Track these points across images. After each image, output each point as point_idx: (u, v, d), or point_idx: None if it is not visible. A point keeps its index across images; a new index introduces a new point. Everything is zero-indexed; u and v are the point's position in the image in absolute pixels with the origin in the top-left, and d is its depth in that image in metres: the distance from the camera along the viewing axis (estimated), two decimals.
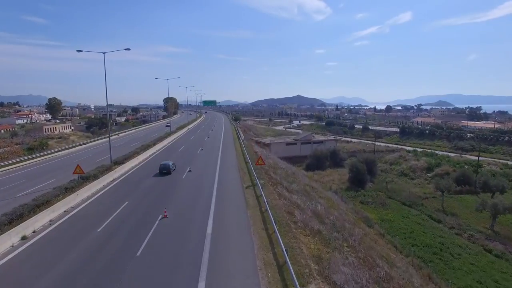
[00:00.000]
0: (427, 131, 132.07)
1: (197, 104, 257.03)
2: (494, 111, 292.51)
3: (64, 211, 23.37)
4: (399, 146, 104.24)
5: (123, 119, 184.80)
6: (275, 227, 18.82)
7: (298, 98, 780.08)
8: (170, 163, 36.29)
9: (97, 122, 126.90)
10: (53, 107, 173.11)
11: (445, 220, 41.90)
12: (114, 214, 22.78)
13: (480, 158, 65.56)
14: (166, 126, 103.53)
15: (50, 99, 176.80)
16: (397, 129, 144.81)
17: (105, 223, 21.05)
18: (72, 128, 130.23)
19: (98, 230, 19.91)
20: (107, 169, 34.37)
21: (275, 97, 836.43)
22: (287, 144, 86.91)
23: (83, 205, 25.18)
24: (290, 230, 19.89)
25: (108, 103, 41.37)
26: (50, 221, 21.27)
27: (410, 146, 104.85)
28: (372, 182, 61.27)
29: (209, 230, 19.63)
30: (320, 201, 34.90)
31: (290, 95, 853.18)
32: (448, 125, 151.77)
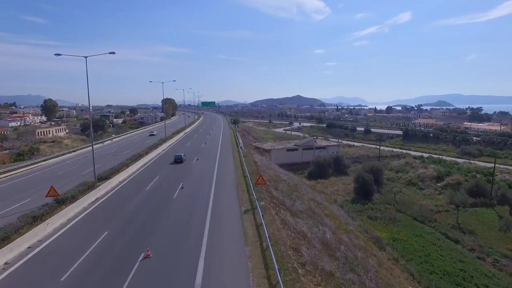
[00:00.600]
0: (431, 134, 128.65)
1: (196, 105, 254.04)
2: (495, 112, 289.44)
3: (28, 247, 19.70)
4: (404, 151, 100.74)
5: (120, 120, 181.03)
6: (279, 277, 15.22)
7: (298, 98, 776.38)
8: (182, 155, 46.36)
9: (93, 124, 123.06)
10: (48, 108, 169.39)
11: (463, 239, 38.23)
12: (88, 252, 19.12)
13: (492, 166, 61.95)
14: (150, 135, 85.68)
15: (45, 101, 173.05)
16: (400, 132, 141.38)
17: (74, 266, 17.38)
18: (67, 130, 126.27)
19: (62, 279, 16.21)
20: (89, 187, 30.65)
21: (275, 97, 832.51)
22: (288, 150, 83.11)
23: (54, 237, 21.50)
24: (297, 278, 16.25)
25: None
26: (5, 264, 17.57)
27: (415, 151, 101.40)
28: (379, 193, 57.60)
29: (199, 279, 15.97)
30: (327, 222, 31.42)
31: (290, 95, 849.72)
32: (452, 127, 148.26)
